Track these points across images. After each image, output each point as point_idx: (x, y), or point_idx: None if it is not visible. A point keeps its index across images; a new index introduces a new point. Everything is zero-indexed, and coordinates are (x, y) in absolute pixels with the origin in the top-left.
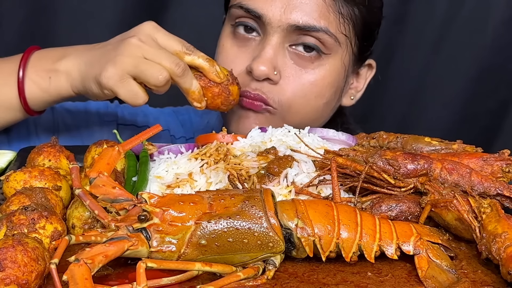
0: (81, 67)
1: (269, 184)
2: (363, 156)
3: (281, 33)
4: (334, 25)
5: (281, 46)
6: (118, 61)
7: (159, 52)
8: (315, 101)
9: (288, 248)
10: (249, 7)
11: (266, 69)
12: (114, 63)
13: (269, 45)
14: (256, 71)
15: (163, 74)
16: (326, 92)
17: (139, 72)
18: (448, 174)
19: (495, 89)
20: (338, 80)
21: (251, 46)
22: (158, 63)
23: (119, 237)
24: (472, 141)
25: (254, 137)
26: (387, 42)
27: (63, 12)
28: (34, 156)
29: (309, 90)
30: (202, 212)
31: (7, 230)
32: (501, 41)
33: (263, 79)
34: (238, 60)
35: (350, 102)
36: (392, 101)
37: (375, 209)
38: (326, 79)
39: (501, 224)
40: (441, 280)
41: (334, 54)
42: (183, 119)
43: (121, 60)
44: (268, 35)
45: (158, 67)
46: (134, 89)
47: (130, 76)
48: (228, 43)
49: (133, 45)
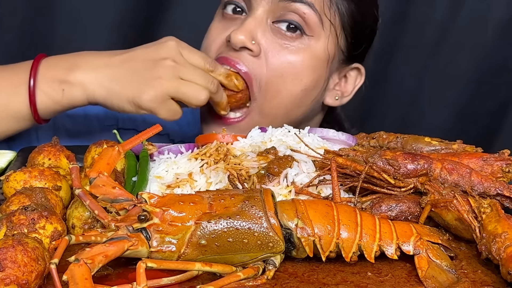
0: (103, 82)
1: (269, 184)
2: (363, 156)
3: (266, 6)
4: (320, 4)
5: (264, 21)
6: (158, 85)
7: (194, 72)
8: (292, 84)
9: (288, 248)
10: None
11: (244, 37)
12: (154, 87)
13: (251, 17)
14: (233, 38)
15: (204, 94)
16: (304, 76)
17: (181, 94)
18: (448, 174)
19: (495, 89)
20: (319, 67)
21: (236, 23)
22: (194, 83)
23: (119, 237)
24: (472, 141)
25: (254, 137)
26: (387, 42)
27: (63, 12)
28: (35, 156)
29: (286, 69)
30: (202, 212)
31: (7, 230)
32: (501, 41)
33: (240, 48)
34: (219, 34)
35: (334, 102)
36: (392, 101)
37: (375, 209)
38: (305, 61)
39: (501, 224)
40: (441, 280)
41: (317, 37)
42: (180, 121)
43: (161, 83)
44: (252, 9)
45: (197, 88)
46: (174, 108)
47: (170, 97)
48: (215, 24)
49: (170, 67)
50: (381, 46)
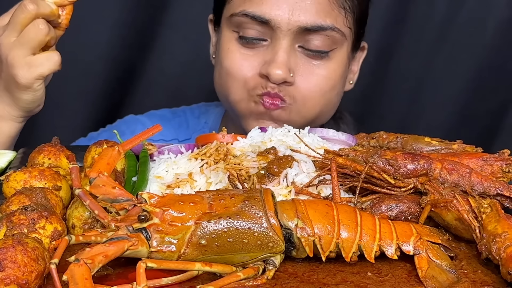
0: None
1: (269, 184)
2: (363, 156)
3: (291, 35)
4: (339, 20)
5: (292, 48)
6: (12, 60)
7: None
8: (329, 94)
9: (288, 248)
10: (255, 14)
11: (282, 73)
12: (12, 66)
13: (281, 48)
14: (274, 76)
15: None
16: (337, 83)
17: (26, 42)
18: (448, 174)
19: (495, 89)
20: (345, 70)
21: (259, 50)
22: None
23: (119, 237)
24: (472, 141)
25: (254, 137)
26: (387, 42)
27: None
28: (35, 155)
29: (324, 84)
30: (202, 212)
31: (7, 230)
32: (501, 41)
33: (280, 83)
34: (248, 63)
35: (349, 86)
36: (392, 101)
37: (375, 209)
38: (337, 71)
39: (501, 224)
40: (441, 280)
41: (340, 47)
42: (180, 121)
43: (12, 58)
44: (278, 39)
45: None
46: (46, 57)
47: (31, 54)
48: (234, 47)
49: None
50: (381, 45)
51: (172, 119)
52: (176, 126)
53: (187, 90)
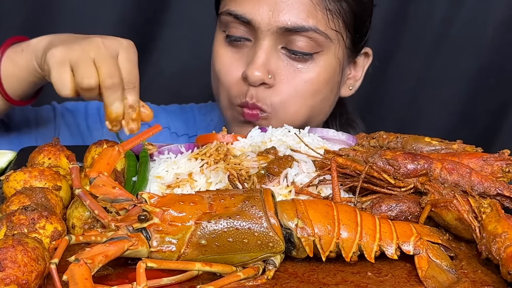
0: (46, 42)
1: (269, 184)
2: (363, 156)
3: (271, 36)
4: (323, 22)
5: (273, 49)
6: (70, 48)
7: (105, 59)
8: (311, 99)
9: (288, 248)
10: (238, 13)
11: (260, 74)
12: (66, 47)
13: (261, 49)
14: (251, 77)
15: (91, 79)
16: (322, 88)
17: (76, 66)
18: (448, 174)
19: (495, 89)
20: (333, 75)
21: (244, 52)
22: (96, 68)
23: (119, 237)
24: (472, 141)
25: (254, 137)
26: (387, 42)
27: (63, 12)
28: (35, 155)
29: (305, 89)
30: (202, 212)
31: (7, 230)
32: (501, 41)
33: (258, 84)
34: (233, 67)
35: (349, 92)
36: (392, 101)
37: (375, 209)
38: (321, 75)
39: (501, 224)
40: (441, 280)
41: (327, 50)
42: (187, 117)
43: (73, 48)
44: (259, 39)
45: (92, 70)
46: (66, 78)
47: (69, 66)
48: (222, 50)
49: (93, 43)
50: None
51: (181, 114)
52: (185, 122)
53: (187, 90)
